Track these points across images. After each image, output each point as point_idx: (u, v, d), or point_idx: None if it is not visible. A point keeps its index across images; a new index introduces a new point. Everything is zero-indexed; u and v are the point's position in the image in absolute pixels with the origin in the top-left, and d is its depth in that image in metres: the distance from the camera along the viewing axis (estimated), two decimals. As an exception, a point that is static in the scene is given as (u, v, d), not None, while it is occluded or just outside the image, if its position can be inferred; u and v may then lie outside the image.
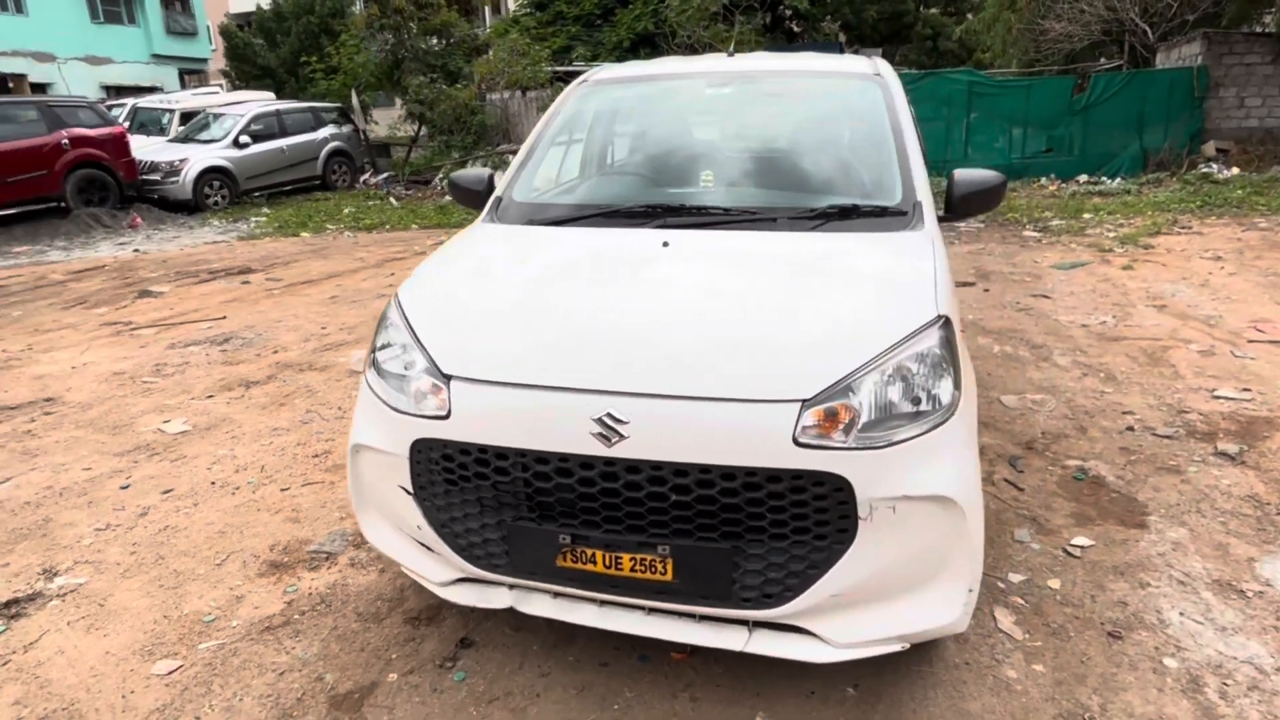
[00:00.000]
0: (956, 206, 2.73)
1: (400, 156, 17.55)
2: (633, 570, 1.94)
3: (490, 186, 3.00)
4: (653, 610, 2.05)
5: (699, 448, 1.82)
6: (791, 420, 1.79)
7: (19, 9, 23.77)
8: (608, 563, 1.95)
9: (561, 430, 1.88)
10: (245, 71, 28.70)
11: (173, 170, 13.58)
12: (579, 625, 2.10)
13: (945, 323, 2.00)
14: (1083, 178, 12.93)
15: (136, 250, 10.44)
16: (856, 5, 26.48)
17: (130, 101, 17.29)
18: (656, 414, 1.84)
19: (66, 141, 12.11)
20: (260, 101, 16.44)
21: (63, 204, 12.13)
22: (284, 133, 15.19)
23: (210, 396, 4.58)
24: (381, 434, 2.12)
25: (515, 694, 2.24)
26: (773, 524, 1.86)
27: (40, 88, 22.28)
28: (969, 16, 28.53)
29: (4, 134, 11.62)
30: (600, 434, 1.85)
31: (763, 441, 1.80)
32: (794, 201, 2.68)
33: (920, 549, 1.90)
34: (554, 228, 2.67)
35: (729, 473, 1.82)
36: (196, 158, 13.86)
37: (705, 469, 1.83)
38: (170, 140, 15.05)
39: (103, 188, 12.64)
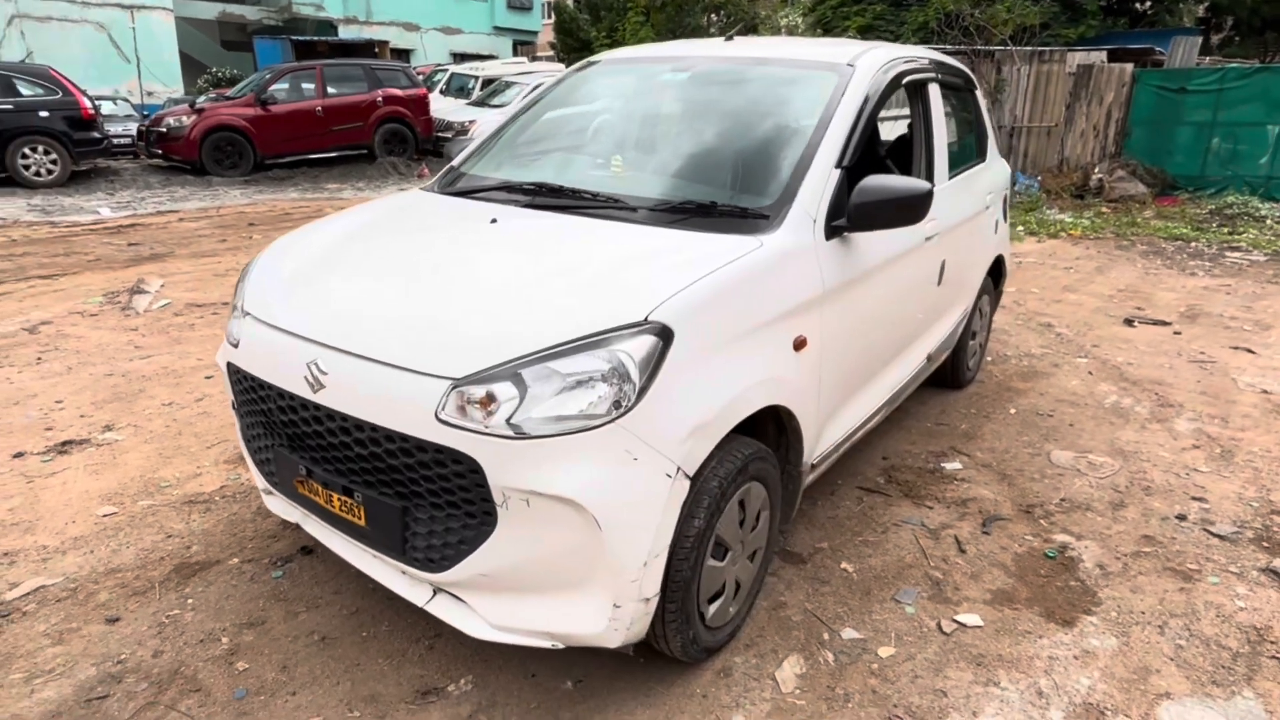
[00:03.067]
0: (852, 216, 2.44)
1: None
2: (340, 510, 2.14)
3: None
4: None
5: (369, 407, 1.96)
6: (438, 395, 1.85)
7: (398, -16, 28.29)
8: (326, 499, 2.17)
9: (287, 370, 2.12)
10: (568, 44, 31.46)
11: (462, 130, 15.50)
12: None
13: (657, 330, 1.89)
14: None
15: (405, 195, 12.22)
16: (1232, -16, 22.05)
17: (451, 68, 19.93)
18: (347, 369, 2.00)
19: (380, 99, 14.42)
20: (547, 73, 18.04)
21: (370, 152, 14.49)
22: (561, 102, 16.58)
23: (328, 319, 5.42)
24: (221, 355, 2.52)
25: (301, 600, 2.56)
26: (429, 492, 1.95)
27: (400, 53, 26.44)
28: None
29: (338, 91, 14.19)
30: (309, 379, 2.06)
31: (410, 411, 1.88)
32: (665, 193, 2.59)
33: (560, 550, 1.86)
34: (448, 198, 2.86)
35: (390, 435, 1.94)
36: (484, 120, 15.66)
37: (375, 428, 1.96)
38: (469, 104, 17.16)
39: (403, 140, 14.86)
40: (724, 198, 2.52)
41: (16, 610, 2.47)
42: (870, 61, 2.89)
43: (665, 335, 1.91)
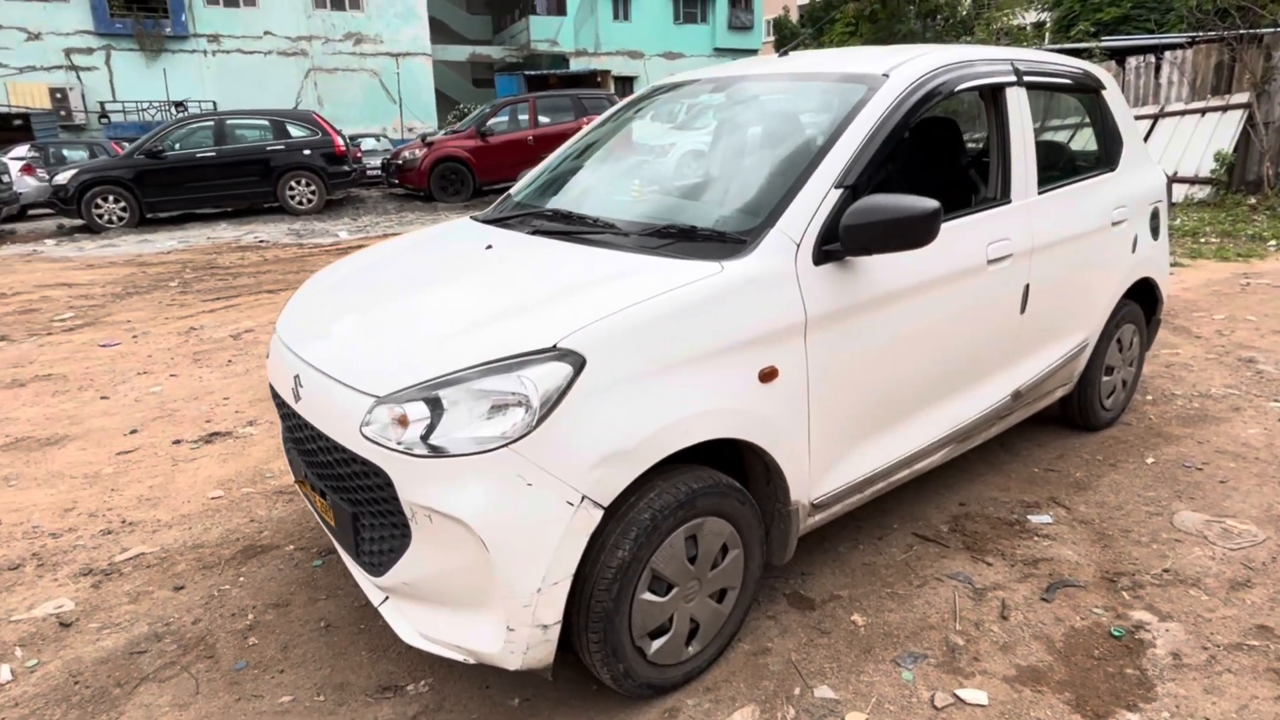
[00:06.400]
0: (843, 239, 2.25)
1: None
2: (322, 510, 2.36)
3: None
4: (363, 552, 2.42)
5: (323, 419, 2.15)
6: (363, 410, 1.99)
7: (625, 16, 29.82)
8: (314, 499, 2.40)
9: (285, 381, 2.38)
10: (789, 60, 31.27)
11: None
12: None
13: (566, 357, 1.89)
14: None
15: (598, 216, 12.85)
16: None
17: (662, 91, 20.59)
18: (313, 382, 2.21)
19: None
20: (752, 90, 18.06)
21: (575, 175, 15.39)
22: (763, 119, 16.57)
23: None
24: (274, 366, 2.87)
25: (326, 588, 2.82)
26: (366, 501, 2.10)
27: (624, 80, 27.79)
28: None
29: (549, 120, 15.27)
30: (293, 390, 2.30)
31: (346, 424, 2.04)
32: (656, 218, 2.55)
33: (460, 568, 1.92)
34: (479, 225, 3.01)
35: (335, 446, 2.11)
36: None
37: (326, 438, 2.14)
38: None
39: (605, 163, 15.62)
40: (710, 221, 2.45)
41: (118, 571, 2.98)
42: (910, 70, 2.65)
43: (576, 362, 1.91)
